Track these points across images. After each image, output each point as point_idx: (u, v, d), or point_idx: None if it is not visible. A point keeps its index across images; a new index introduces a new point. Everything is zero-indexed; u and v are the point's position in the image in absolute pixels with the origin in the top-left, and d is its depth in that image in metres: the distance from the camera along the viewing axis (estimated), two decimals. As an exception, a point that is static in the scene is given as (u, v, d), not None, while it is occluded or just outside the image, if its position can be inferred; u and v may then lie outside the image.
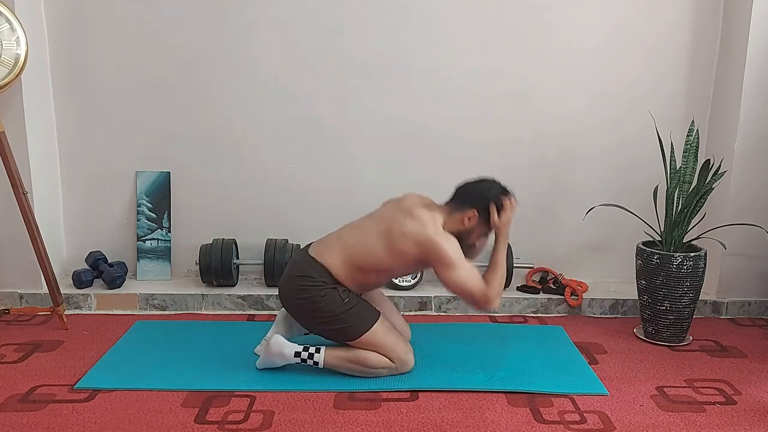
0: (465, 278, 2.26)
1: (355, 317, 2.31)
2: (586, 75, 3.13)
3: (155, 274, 3.21)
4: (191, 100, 3.13)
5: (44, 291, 2.95)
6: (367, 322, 2.31)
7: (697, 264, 2.64)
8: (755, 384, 2.38)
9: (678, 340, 2.73)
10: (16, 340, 2.66)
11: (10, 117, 2.83)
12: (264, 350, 2.39)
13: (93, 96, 3.12)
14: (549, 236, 3.29)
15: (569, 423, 2.08)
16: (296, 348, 2.34)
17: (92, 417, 2.07)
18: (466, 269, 2.27)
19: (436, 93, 3.12)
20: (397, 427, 2.05)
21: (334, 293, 2.29)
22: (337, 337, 2.36)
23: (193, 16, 3.05)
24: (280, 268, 3.04)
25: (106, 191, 3.22)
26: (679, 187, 2.73)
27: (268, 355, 2.36)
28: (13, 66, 2.66)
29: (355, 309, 2.31)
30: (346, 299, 2.30)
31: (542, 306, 3.07)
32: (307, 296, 2.29)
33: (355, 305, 2.32)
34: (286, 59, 3.09)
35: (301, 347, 2.34)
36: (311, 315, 2.33)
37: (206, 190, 3.22)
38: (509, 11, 3.06)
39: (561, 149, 3.20)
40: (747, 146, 2.94)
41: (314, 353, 2.34)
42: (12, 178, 2.66)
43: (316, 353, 2.34)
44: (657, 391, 2.31)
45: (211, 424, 2.05)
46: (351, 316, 2.30)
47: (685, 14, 3.07)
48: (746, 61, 2.87)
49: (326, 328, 2.35)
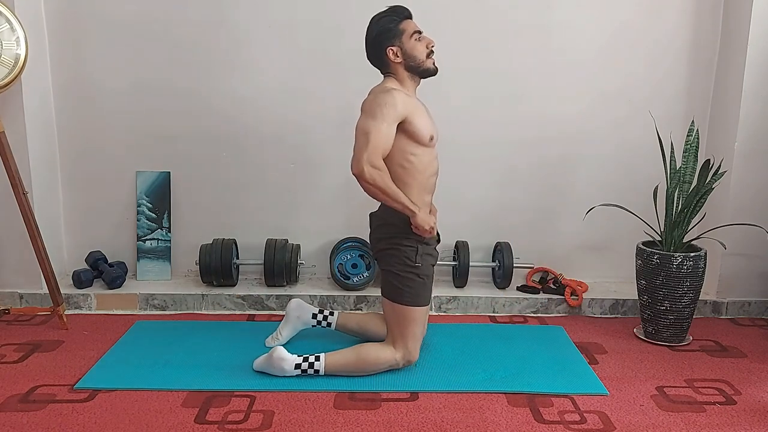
0: (369, 130, 2.18)
1: (413, 285, 2.33)
2: (586, 75, 3.13)
3: (155, 274, 3.21)
4: (191, 100, 3.12)
5: (44, 291, 2.95)
6: (418, 300, 2.34)
7: (697, 264, 2.65)
8: (755, 384, 2.38)
9: (678, 340, 2.73)
10: (16, 340, 2.66)
11: (10, 117, 2.83)
12: (265, 359, 2.37)
13: (93, 96, 3.12)
14: (549, 236, 3.29)
15: (569, 423, 2.08)
16: (296, 360, 2.33)
17: (92, 417, 2.07)
18: (378, 129, 2.18)
19: (435, 93, 3.10)
20: (397, 427, 2.05)
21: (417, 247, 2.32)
22: (385, 285, 2.39)
23: (194, 16, 3.05)
24: (280, 268, 3.04)
25: (106, 191, 3.22)
26: (679, 187, 2.74)
27: (268, 365, 2.35)
28: (13, 66, 2.66)
29: (417, 279, 2.33)
30: (418, 263, 2.32)
31: (542, 306, 3.07)
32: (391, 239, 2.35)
33: (421, 274, 2.33)
34: (286, 59, 3.09)
35: (300, 359, 2.34)
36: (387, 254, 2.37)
37: (206, 190, 3.23)
38: (509, 12, 3.06)
39: (561, 149, 3.20)
40: (747, 146, 2.94)
41: (314, 362, 2.33)
42: (12, 178, 2.66)
43: (316, 361, 2.33)
44: (657, 391, 2.31)
45: (211, 424, 2.05)
46: (410, 284, 2.33)
47: (685, 14, 3.07)
48: (746, 61, 2.87)
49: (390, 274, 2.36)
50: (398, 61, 2.30)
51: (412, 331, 2.36)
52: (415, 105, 2.31)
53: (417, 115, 2.28)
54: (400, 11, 2.32)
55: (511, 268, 3.09)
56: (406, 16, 2.32)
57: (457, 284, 3.17)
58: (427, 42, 2.33)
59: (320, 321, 2.62)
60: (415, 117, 2.27)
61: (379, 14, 2.31)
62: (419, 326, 2.38)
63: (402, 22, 2.29)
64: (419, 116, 2.29)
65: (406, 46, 2.29)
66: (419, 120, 2.28)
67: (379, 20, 2.30)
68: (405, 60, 2.30)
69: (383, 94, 2.25)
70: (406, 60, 2.30)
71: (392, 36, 2.28)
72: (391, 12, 2.31)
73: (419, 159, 2.31)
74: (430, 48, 2.33)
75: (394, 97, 2.23)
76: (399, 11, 2.32)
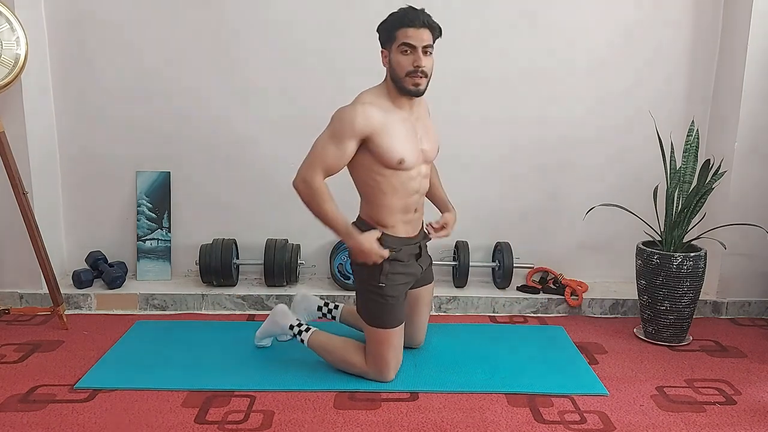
0: (316, 145, 2.16)
1: (378, 305, 2.23)
2: (586, 75, 3.13)
3: (155, 274, 3.21)
4: (191, 100, 3.12)
5: (44, 291, 2.95)
6: (382, 322, 2.24)
7: (697, 264, 2.65)
8: (755, 384, 2.38)
9: (678, 340, 2.73)
10: (16, 340, 2.66)
11: (10, 117, 2.83)
12: (270, 315, 2.44)
13: (93, 96, 3.12)
14: (549, 236, 3.29)
15: (569, 423, 2.08)
16: (293, 322, 2.40)
17: (92, 417, 2.07)
18: (324, 145, 2.13)
19: (435, 94, 3.10)
20: (397, 427, 2.05)
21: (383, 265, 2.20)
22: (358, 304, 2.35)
23: (193, 16, 3.05)
24: (280, 268, 3.04)
25: (106, 191, 3.22)
26: (679, 187, 2.74)
27: (271, 320, 2.42)
28: (13, 66, 2.66)
29: (382, 300, 2.22)
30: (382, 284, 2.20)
31: (542, 306, 3.07)
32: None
33: (386, 294, 2.21)
34: (286, 59, 3.09)
35: (297, 321, 2.40)
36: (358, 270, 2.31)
37: (206, 190, 3.23)
38: (509, 13, 3.06)
39: (561, 149, 3.20)
40: (747, 146, 2.94)
41: (303, 331, 2.39)
42: (12, 178, 2.66)
43: (305, 332, 2.38)
44: (657, 391, 2.31)
45: (211, 424, 2.05)
46: (376, 305, 2.23)
47: (685, 14, 3.07)
48: (746, 61, 2.87)
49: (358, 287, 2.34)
50: (387, 67, 2.21)
51: (380, 353, 2.25)
52: (388, 123, 2.15)
53: (386, 134, 2.13)
54: (406, 17, 2.14)
55: (511, 268, 3.09)
56: (407, 24, 2.12)
57: (457, 284, 3.17)
58: (413, 60, 2.13)
59: (325, 314, 2.66)
60: (382, 137, 2.13)
61: (393, 12, 2.18)
62: (388, 349, 2.25)
63: (400, 29, 2.13)
64: (389, 136, 2.13)
65: (392, 56, 2.16)
66: (387, 140, 2.13)
67: (387, 18, 2.18)
68: (390, 68, 2.19)
69: (348, 108, 2.15)
70: (390, 69, 2.18)
71: (386, 39, 2.18)
72: (400, 14, 2.16)
73: (387, 180, 2.19)
74: (414, 67, 2.13)
75: (356, 114, 2.11)
76: (405, 16, 2.14)
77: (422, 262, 2.39)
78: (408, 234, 2.30)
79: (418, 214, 2.33)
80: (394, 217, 2.25)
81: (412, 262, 2.33)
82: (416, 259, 2.35)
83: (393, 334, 2.27)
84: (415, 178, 2.25)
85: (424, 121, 2.32)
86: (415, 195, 2.28)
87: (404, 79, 2.15)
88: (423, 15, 2.15)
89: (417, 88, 2.17)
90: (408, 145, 2.19)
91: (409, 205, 2.27)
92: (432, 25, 2.16)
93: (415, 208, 2.30)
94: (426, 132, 2.30)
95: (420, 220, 2.38)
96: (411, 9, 2.16)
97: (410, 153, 2.19)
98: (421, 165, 2.28)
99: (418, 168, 2.25)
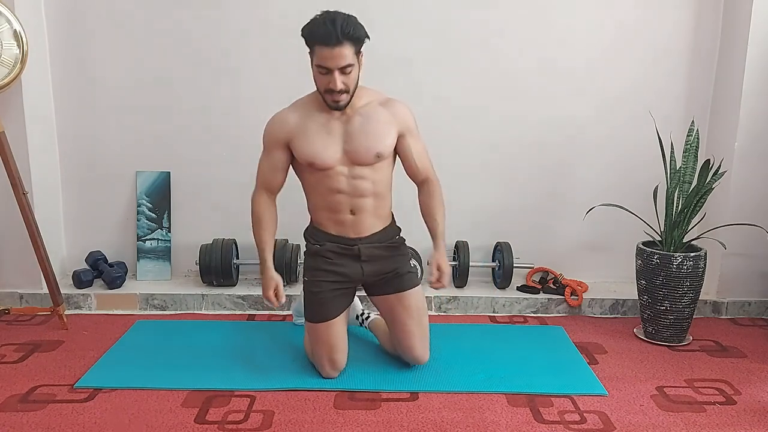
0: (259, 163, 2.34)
1: (306, 298, 2.34)
2: (586, 75, 3.13)
3: (155, 274, 3.21)
4: (191, 100, 3.13)
5: (44, 291, 2.95)
6: (309, 314, 2.32)
7: (697, 264, 2.64)
8: (755, 384, 2.38)
9: (678, 340, 2.73)
10: (16, 340, 2.66)
11: (10, 117, 2.83)
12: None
13: (93, 96, 3.12)
14: (549, 236, 3.29)
15: (569, 423, 2.08)
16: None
17: (92, 417, 2.07)
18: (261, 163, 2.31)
19: (435, 94, 3.12)
20: (397, 427, 2.05)
21: (308, 260, 2.35)
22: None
23: (194, 16, 3.05)
24: (280, 268, 3.04)
25: (106, 191, 3.22)
26: (679, 187, 2.74)
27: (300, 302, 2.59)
28: (13, 66, 2.66)
29: (308, 295, 2.32)
30: (306, 278, 2.33)
31: (542, 306, 3.07)
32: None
33: (310, 290, 2.31)
34: (286, 59, 3.08)
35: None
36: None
37: (206, 190, 3.23)
38: (509, 12, 3.06)
39: (561, 149, 3.20)
40: (747, 146, 2.94)
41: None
42: (12, 178, 2.66)
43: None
44: (657, 391, 2.31)
45: (211, 424, 2.04)
46: (305, 299, 2.34)
47: (685, 14, 3.07)
48: (746, 61, 2.87)
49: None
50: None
51: (313, 347, 2.34)
52: (305, 125, 2.20)
53: (301, 137, 2.20)
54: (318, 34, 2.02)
55: (511, 268, 3.09)
56: (320, 42, 2.03)
57: (457, 284, 3.17)
58: (328, 81, 2.09)
59: (362, 322, 2.70)
60: (298, 139, 2.20)
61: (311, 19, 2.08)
62: (317, 344, 2.29)
63: (315, 45, 2.06)
64: (303, 139, 2.20)
65: (312, 69, 2.13)
66: (299, 142, 2.21)
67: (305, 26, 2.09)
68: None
69: (270, 119, 2.27)
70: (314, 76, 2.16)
71: (308, 47, 2.12)
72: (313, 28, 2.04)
73: (306, 178, 2.30)
74: (329, 88, 2.11)
75: (273, 123, 2.25)
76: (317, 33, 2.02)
77: (368, 266, 2.31)
78: (339, 233, 2.30)
79: (355, 216, 2.27)
80: (320, 213, 2.32)
81: (345, 262, 2.30)
82: (356, 261, 2.30)
83: (319, 329, 2.29)
84: (334, 177, 2.22)
85: (366, 122, 2.22)
86: (338, 195, 2.24)
87: (324, 94, 2.16)
88: (340, 28, 2.00)
89: (336, 104, 2.16)
90: (320, 146, 2.20)
91: (332, 204, 2.26)
92: (353, 37, 2.03)
93: (350, 209, 2.26)
94: (361, 134, 2.21)
95: (363, 223, 2.29)
96: (322, 23, 2.02)
97: (323, 154, 2.20)
98: (344, 166, 2.22)
99: (338, 168, 2.22)
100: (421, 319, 2.37)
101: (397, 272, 2.35)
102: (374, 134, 2.22)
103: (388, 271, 2.34)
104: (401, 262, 2.37)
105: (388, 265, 2.34)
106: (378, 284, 2.36)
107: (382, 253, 2.34)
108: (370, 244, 2.31)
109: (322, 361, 2.31)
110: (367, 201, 2.27)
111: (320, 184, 2.26)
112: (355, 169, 2.23)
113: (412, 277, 2.39)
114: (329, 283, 2.30)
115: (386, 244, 2.35)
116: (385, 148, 2.24)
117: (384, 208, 2.34)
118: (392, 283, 2.35)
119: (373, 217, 2.30)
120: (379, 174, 2.27)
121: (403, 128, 2.30)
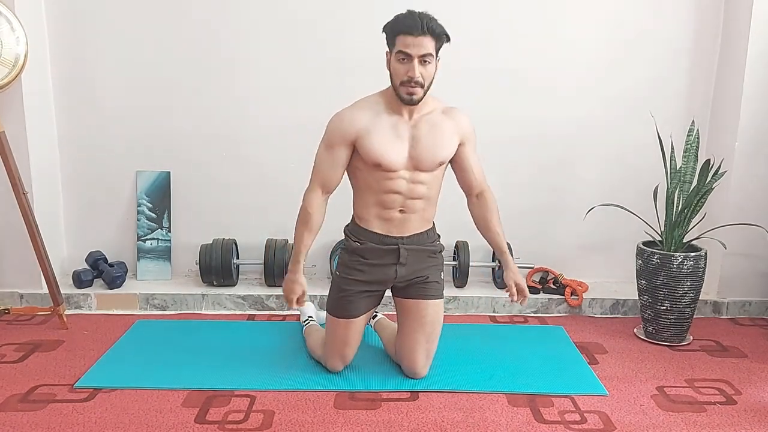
0: (316, 159, 2.28)
1: (333, 291, 2.36)
2: (586, 75, 3.13)
3: (155, 274, 3.21)
4: (192, 100, 3.13)
5: (44, 291, 2.95)
6: (332, 309, 2.34)
7: (698, 264, 2.64)
8: (755, 384, 2.38)
9: (678, 340, 2.73)
10: (16, 340, 2.66)
11: (10, 117, 2.83)
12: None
13: (93, 96, 3.12)
14: (549, 236, 3.29)
15: (569, 423, 2.08)
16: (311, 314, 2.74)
17: (92, 416, 2.07)
18: (318, 156, 2.26)
19: (435, 93, 3.11)
20: (397, 427, 2.04)
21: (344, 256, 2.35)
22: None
23: (194, 16, 3.05)
24: (280, 268, 3.04)
25: (106, 191, 3.22)
26: (679, 187, 2.74)
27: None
28: (13, 66, 2.66)
29: (335, 288, 2.34)
30: (338, 272, 2.35)
31: (542, 306, 3.07)
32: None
33: (339, 286, 2.32)
34: (287, 59, 3.09)
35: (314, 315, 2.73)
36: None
37: (206, 190, 3.22)
38: (509, 12, 3.06)
39: (561, 149, 3.20)
40: (747, 146, 2.94)
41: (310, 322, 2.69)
42: (12, 178, 2.66)
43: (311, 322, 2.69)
44: (657, 391, 2.31)
45: (211, 424, 2.04)
46: (332, 290, 2.37)
47: (685, 14, 3.07)
48: (746, 61, 2.87)
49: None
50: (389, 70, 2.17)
51: (327, 338, 2.37)
52: (375, 125, 2.17)
53: (369, 136, 2.16)
54: (404, 23, 2.07)
55: (511, 268, 3.09)
56: (405, 30, 2.06)
57: (457, 284, 3.17)
58: (407, 69, 2.09)
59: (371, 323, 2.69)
60: (366, 138, 2.16)
61: (397, 14, 2.12)
62: (331, 336, 2.34)
63: (399, 35, 2.08)
64: (371, 138, 2.16)
65: (391, 61, 2.13)
66: (368, 142, 2.16)
67: (390, 20, 2.12)
68: (389, 72, 2.16)
69: (336, 115, 2.22)
70: (390, 73, 2.16)
71: (388, 42, 2.14)
72: (400, 18, 2.10)
73: (363, 176, 2.24)
74: (407, 77, 2.10)
75: (342, 120, 2.19)
76: (403, 22, 2.08)
77: (403, 269, 2.29)
78: (383, 231, 2.28)
79: (403, 215, 2.27)
80: (368, 210, 2.28)
81: (382, 264, 2.28)
82: (394, 263, 2.28)
83: (339, 323, 2.31)
84: (395, 179, 2.22)
85: (431, 129, 2.23)
86: (393, 194, 2.24)
87: (399, 87, 2.13)
88: (425, 21, 2.05)
89: (410, 97, 2.13)
90: (389, 147, 2.18)
91: (385, 202, 2.25)
92: (435, 32, 2.07)
93: (400, 208, 2.26)
94: (428, 140, 2.21)
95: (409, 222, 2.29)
96: (410, 14, 2.08)
97: (391, 155, 2.18)
98: (407, 170, 2.22)
99: (401, 172, 2.22)
100: (432, 333, 2.35)
101: (427, 279, 2.33)
102: (439, 142, 2.24)
103: (419, 276, 2.32)
104: (433, 271, 2.36)
105: (421, 270, 2.33)
106: (404, 287, 2.35)
107: (419, 256, 2.32)
108: (411, 245, 2.30)
109: (333, 353, 2.34)
110: (419, 203, 2.28)
111: (378, 185, 2.23)
112: (416, 173, 2.23)
113: (437, 288, 2.36)
114: (360, 283, 2.29)
115: (425, 246, 2.34)
116: (447, 157, 2.28)
117: (430, 211, 2.36)
118: (417, 289, 2.33)
119: (420, 218, 2.31)
120: (434, 179, 2.29)
121: (464, 138, 2.31)
